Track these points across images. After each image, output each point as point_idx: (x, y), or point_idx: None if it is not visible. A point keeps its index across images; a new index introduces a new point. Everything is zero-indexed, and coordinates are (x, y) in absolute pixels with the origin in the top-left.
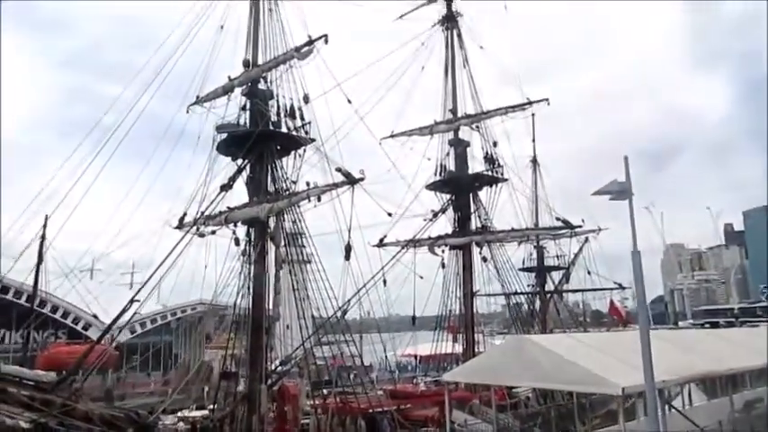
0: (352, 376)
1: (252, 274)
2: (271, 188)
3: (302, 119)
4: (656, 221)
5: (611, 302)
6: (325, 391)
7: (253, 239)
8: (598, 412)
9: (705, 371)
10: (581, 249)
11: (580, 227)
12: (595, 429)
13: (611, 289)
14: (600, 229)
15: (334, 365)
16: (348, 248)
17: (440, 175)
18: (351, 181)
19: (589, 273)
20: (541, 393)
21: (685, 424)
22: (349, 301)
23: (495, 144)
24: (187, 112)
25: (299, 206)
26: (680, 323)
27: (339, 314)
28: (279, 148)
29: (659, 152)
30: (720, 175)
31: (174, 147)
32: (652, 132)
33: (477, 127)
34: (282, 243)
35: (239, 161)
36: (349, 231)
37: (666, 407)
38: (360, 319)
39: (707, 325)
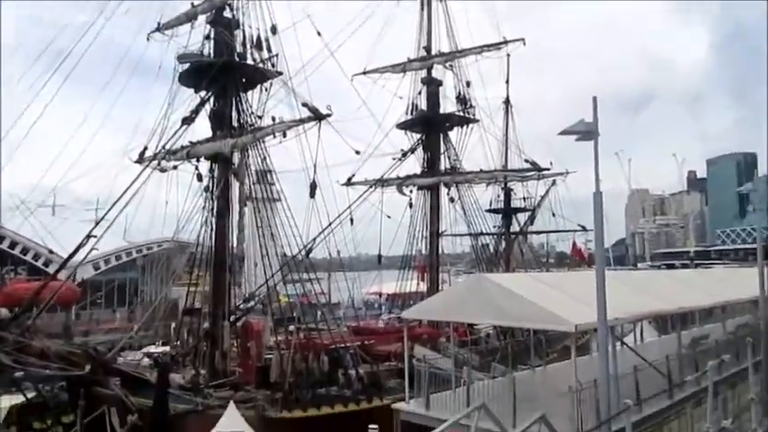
0: (319, 314)
1: (215, 211)
2: (235, 123)
3: (269, 51)
4: (624, 167)
5: (574, 244)
6: (291, 328)
7: (216, 175)
8: (555, 347)
9: (657, 310)
10: (548, 192)
11: (548, 169)
12: (550, 364)
13: (575, 231)
14: (567, 173)
15: (302, 303)
16: (313, 186)
17: (411, 113)
18: (318, 117)
19: (554, 215)
20: (501, 330)
21: (635, 359)
22: (314, 239)
23: (468, 84)
24: (147, 39)
25: (263, 142)
26: (639, 265)
27: (304, 252)
28: (244, 80)
29: (632, 100)
30: (690, 124)
31: (133, 76)
32: (627, 80)
33: (451, 66)
34: (247, 180)
35: (202, 93)
36: (315, 169)
37: (618, 343)
38: (327, 257)
39: (663, 267)
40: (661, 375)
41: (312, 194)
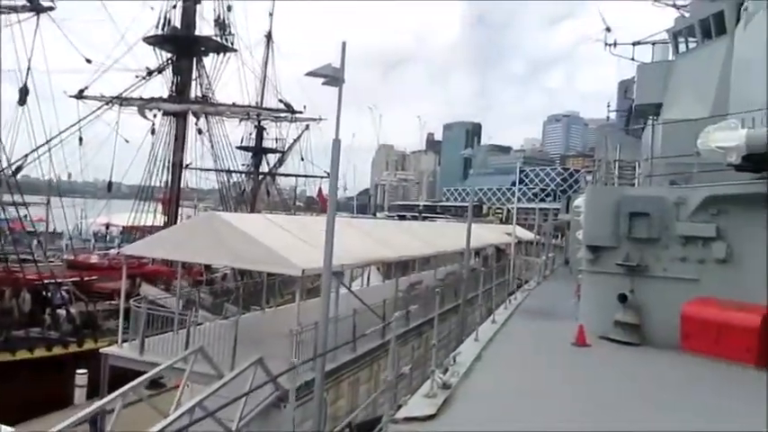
0: (35, 243)
1: None
2: None
3: None
4: (375, 122)
5: (320, 190)
6: None
7: None
8: (290, 289)
9: (381, 257)
10: (300, 136)
11: (301, 113)
12: (280, 306)
13: (321, 177)
14: (320, 119)
15: (11, 230)
16: (24, 91)
17: (162, 29)
18: (35, 7)
19: (303, 159)
20: (240, 271)
21: (356, 302)
22: (27, 155)
23: (229, 9)
24: None
25: None
26: (378, 214)
27: (11, 170)
28: None
29: (392, 62)
30: (436, 91)
31: None
32: (390, 43)
33: None
34: None
35: None
36: (28, 70)
37: (342, 287)
38: (50, 179)
39: (397, 217)
40: (377, 317)
41: (22, 101)
